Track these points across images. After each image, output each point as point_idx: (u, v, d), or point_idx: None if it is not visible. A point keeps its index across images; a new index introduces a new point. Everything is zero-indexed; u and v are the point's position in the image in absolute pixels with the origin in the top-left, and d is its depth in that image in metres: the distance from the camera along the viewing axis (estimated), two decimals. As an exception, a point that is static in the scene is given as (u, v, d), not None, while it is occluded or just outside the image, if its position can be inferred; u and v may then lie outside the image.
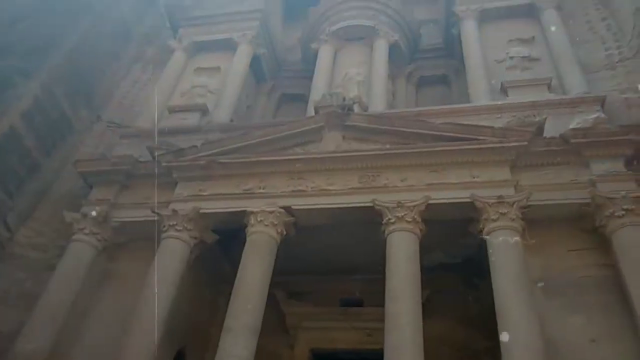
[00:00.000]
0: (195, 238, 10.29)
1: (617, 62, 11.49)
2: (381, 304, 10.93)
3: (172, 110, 13.68)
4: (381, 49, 14.05)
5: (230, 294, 9.37)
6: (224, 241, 11.17)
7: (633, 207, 8.24)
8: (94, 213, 10.64)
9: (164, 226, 10.24)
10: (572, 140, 9.19)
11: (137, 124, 13.64)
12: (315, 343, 11.55)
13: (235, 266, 11.34)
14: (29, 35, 13.68)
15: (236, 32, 15.32)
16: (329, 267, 11.89)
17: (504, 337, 7.53)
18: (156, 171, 10.87)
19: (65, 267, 10.04)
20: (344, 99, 11.04)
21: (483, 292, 10.58)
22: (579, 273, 8.47)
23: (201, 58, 15.46)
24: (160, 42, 17.39)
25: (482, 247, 10.08)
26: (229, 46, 15.27)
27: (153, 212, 10.42)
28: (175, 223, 10.15)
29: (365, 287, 11.67)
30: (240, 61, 14.73)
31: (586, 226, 8.89)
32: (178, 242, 10.03)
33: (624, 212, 8.24)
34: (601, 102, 10.28)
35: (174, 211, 10.29)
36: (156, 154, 11.30)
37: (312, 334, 11.58)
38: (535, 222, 8.93)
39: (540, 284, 8.46)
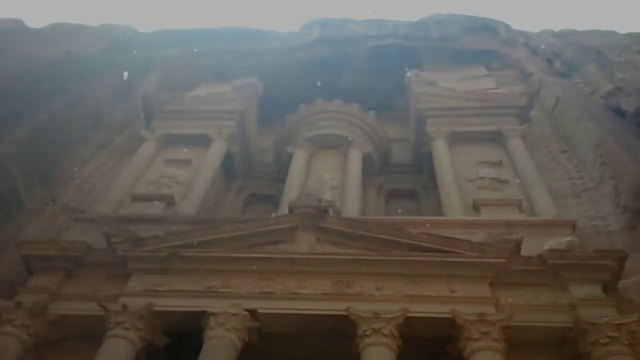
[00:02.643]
0: (144, 340, 9.08)
1: (581, 191, 12.06)
2: None
3: (136, 199, 13.04)
4: (355, 158, 14.36)
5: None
6: (171, 347, 9.94)
7: (617, 334, 7.96)
8: (30, 302, 9.32)
9: (110, 323, 9.03)
10: (550, 261, 9.15)
11: (95, 209, 12.87)
12: None
13: (183, 377, 10.11)
14: (-4, 106, 13.14)
15: (212, 129, 15.43)
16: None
17: None
18: (110, 260, 9.91)
19: (-19, 365, 8.48)
20: (320, 201, 10.83)
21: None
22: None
23: (172, 150, 15.30)
24: (131, 131, 17.19)
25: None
26: (202, 141, 15.27)
27: (100, 305, 9.24)
28: (123, 320, 8.98)
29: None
30: (213, 156, 14.62)
31: (569, 353, 8.50)
32: (124, 342, 8.78)
33: (608, 340, 7.93)
34: (572, 226, 10.53)
35: (124, 306, 9.17)
36: (112, 241, 10.39)
37: None
38: (516, 345, 8.45)
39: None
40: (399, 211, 13.69)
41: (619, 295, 9.03)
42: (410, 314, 8.67)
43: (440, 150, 13.81)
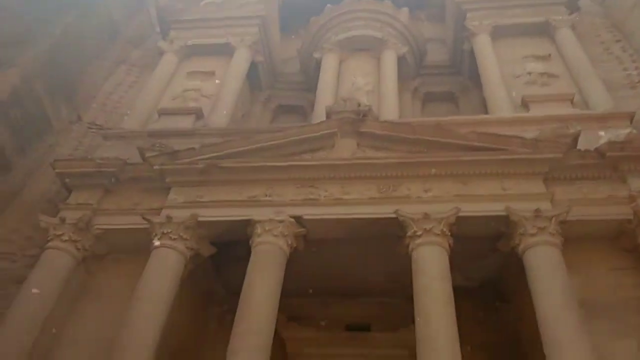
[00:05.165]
0: (192, 249, 9.09)
1: (638, 82, 11.24)
2: (390, 328, 10.13)
3: (163, 113, 12.61)
4: (390, 60, 13.47)
5: (221, 316, 8.52)
6: (215, 257, 10.00)
7: (679, 224, 7.64)
8: (74, 218, 9.30)
9: (156, 235, 9.01)
10: (609, 154, 8.65)
11: (122, 126, 12.57)
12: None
13: (228, 286, 10.31)
14: (9, 25, 12.42)
15: (234, 37, 14.52)
16: (334, 288, 10.83)
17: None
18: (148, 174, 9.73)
19: (38, 278, 8.61)
20: (358, 105, 10.26)
21: (503, 318, 9.85)
22: (624, 294, 7.78)
23: (194, 62, 14.53)
24: (147, 45, 16.42)
25: (506, 268, 9.42)
26: (224, 51, 14.43)
27: (144, 218, 9.18)
28: (169, 231, 8.94)
29: (372, 311, 10.67)
30: (238, 66, 13.88)
31: (626, 244, 8.27)
32: (172, 252, 8.80)
33: (669, 229, 7.63)
34: (630, 118, 9.89)
35: (169, 218, 9.10)
36: (147, 155, 10.14)
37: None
38: (571, 239, 8.21)
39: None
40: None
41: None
42: (461, 213, 8.42)
43: (483, 45, 12.77)
